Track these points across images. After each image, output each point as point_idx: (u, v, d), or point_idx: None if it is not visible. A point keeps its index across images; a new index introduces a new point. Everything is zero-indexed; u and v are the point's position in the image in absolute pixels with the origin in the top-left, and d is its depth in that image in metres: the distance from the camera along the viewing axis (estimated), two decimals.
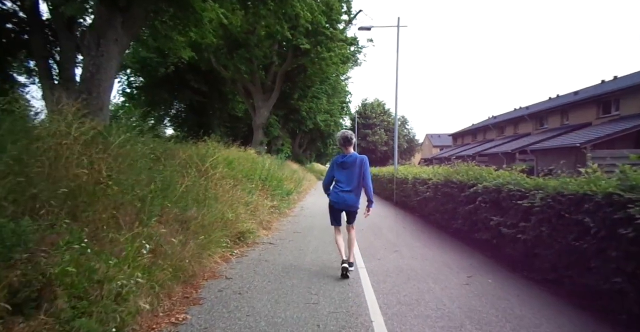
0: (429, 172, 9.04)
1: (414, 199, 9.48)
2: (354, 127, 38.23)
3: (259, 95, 20.57)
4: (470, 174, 6.09)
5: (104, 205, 2.87)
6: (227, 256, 4.81)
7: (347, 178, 4.20)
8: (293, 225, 7.87)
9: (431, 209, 7.86)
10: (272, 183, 9.64)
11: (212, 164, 6.55)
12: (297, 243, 5.94)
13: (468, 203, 5.72)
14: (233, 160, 9.43)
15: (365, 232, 6.94)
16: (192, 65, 21.65)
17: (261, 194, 8.46)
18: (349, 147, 4.25)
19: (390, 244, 6.01)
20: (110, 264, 2.51)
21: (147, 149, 4.96)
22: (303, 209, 11.06)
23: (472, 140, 34.82)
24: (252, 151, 13.55)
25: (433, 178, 7.85)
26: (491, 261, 4.83)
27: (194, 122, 25.56)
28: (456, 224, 6.34)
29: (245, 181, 8.03)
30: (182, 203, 4.34)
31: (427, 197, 8.04)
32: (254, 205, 6.93)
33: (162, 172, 4.55)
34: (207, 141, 7.41)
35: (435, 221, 7.66)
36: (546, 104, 24.95)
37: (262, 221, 6.98)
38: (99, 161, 3.16)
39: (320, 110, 28.25)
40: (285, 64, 19.48)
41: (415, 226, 7.99)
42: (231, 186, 6.12)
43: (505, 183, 4.63)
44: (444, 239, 6.41)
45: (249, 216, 6.39)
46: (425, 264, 4.72)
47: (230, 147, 11.85)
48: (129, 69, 23.33)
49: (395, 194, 13.11)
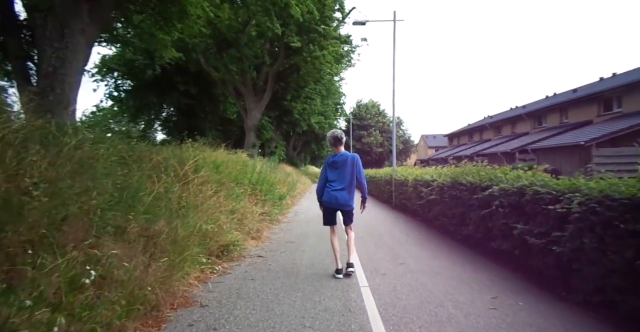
0: (431, 173, 8.40)
1: (416, 203, 8.83)
2: (349, 129, 37.64)
3: (250, 96, 19.88)
4: (482, 174, 5.45)
5: (28, 223, 2.16)
6: (207, 274, 4.11)
7: (339, 177, 4.16)
8: (286, 233, 7.17)
9: (436, 213, 7.21)
10: (263, 187, 8.95)
11: (193, 167, 5.86)
12: (289, 255, 5.25)
13: (481, 207, 5.08)
14: (221, 163, 8.79)
15: (366, 240, 6.28)
16: (181, 67, 20.96)
17: (251, 200, 7.76)
18: (340, 147, 4.25)
19: (394, 254, 5.34)
20: (24, 305, 1.81)
21: (114, 151, 4.27)
22: (297, 215, 10.37)
23: (469, 141, 34.39)
24: (242, 154, 12.88)
25: (438, 179, 7.21)
26: (515, 276, 4.16)
27: (184, 126, 24.77)
28: (466, 231, 5.69)
29: (234, 186, 7.34)
30: (150, 214, 3.64)
31: (432, 201, 7.39)
32: (241, 212, 6.22)
33: (127, 177, 3.84)
34: (189, 143, 6.68)
35: (441, 226, 7.01)
36: (544, 103, 24.53)
37: (251, 230, 6.27)
38: (26, 166, 2.45)
39: (314, 111, 27.61)
40: (276, 64, 18.82)
41: (418, 232, 7.33)
42: (214, 192, 5.40)
43: (530, 184, 3.99)
44: (454, 248, 5.75)
45: (234, 225, 5.68)
46: (438, 280, 4.05)
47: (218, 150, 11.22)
48: (116, 72, 22.56)
49: (394, 196, 12.47)
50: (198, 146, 6.79)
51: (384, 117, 41.43)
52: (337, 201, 4.15)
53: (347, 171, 4.13)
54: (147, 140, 12.45)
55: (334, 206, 4.22)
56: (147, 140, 12.45)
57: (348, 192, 4.16)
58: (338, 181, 4.15)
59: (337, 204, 4.18)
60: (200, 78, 22.35)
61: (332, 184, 4.18)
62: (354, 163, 4.13)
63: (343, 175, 4.14)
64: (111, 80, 23.15)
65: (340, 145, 4.24)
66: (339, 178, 4.15)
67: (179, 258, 3.52)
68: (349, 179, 4.14)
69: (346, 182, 4.14)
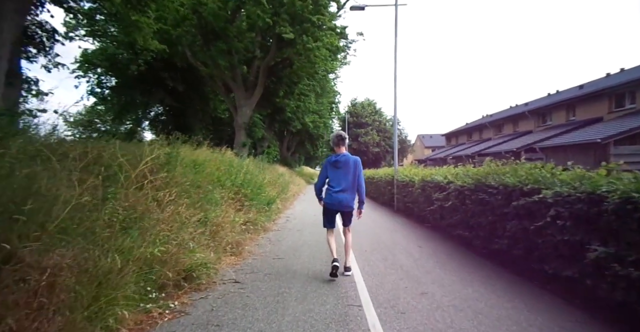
0: (442, 174, 7.24)
1: (426, 208, 7.66)
2: (344, 128, 36.45)
3: (240, 92, 18.63)
4: (521, 174, 4.28)
5: None
6: (155, 315, 2.89)
7: (340, 178, 4.13)
8: (274, 245, 5.96)
9: (453, 221, 6.04)
10: (248, 191, 7.72)
11: (157, 166, 4.63)
12: (275, 280, 4.03)
13: (522, 217, 3.92)
14: (203, 162, 7.62)
15: (371, 256, 5.09)
16: (168, 62, 19.72)
17: (232, 206, 6.53)
18: (342, 147, 4.23)
19: (411, 278, 4.15)
20: None
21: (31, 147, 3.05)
22: (289, 221, 9.15)
23: (468, 140, 33.38)
24: (228, 152, 11.65)
25: (456, 181, 6.04)
26: (595, 320, 2.95)
27: (173, 125, 23.46)
28: (498, 245, 4.53)
29: (212, 189, 6.13)
30: (64, 235, 2.41)
31: (447, 207, 6.22)
32: (216, 223, 5.00)
33: (33, 181, 2.61)
34: (146, 138, 5.42)
35: (461, 237, 5.84)
36: (548, 100, 23.55)
37: (228, 244, 5.05)
38: None
39: (308, 109, 26.41)
40: (268, 57, 17.58)
41: (433, 244, 6.15)
42: (173, 199, 4.14)
43: (613, 190, 2.81)
44: (485, 268, 4.56)
45: (206, 241, 4.46)
46: (485, 325, 2.86)
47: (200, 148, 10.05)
48: (99, 68, 21.16)
49: (396, 199, 11.31)
50: (157, 141, 5.54)
51: (380, 116, 40.22)
52: (340, 203, 4.12)
53: (350, 172, 4.10)
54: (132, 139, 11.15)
55: (335, 207, 4.19)
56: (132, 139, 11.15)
57: (350, 193, 4.14)
58: (339, 182, 4.11)
59: (340, 205, 4.15)
60: (189, 75, 21.13)
61: (333, 185, 4.14)
62: (356, 165, 4.13)
63: (345, 176, 4.10)
64: (94, 77, 21.72)
65: (344, 145, 4.23)
66: (341, 179, 4.11)
67: (98, 303, 2.29)
68: (351, 181, 4.11)
69: (349, 183, 4.10)
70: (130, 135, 18.65)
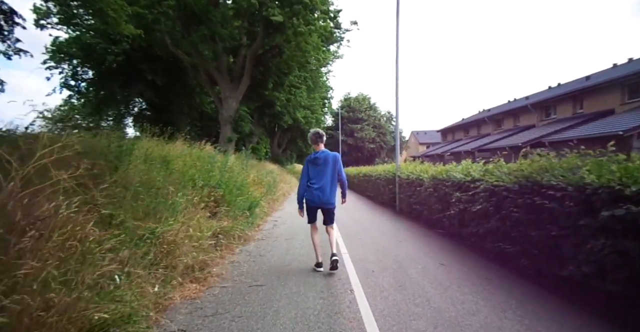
0: (462, 170, 5.92)
1: (439, 211, 6.33)
2: (337, 124, 35.05)
3: (225, 83, 17.10)
4: (611, 169, 2.92)
5: None
6: None
7: (321, 174, 4.17)
8: (253, 262, 4.57)
9: (484, 230, 4.70)
10: (226, 191, 6.30)
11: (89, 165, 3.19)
12: (246, 330, 2.64)
13: (621, 235, 2.58)
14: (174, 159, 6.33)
15: (382, 281, 3.72)
16: (147, 52, 18.07)
17: (200, 212, 5.09)
18: (321, 144, 4.27)
19: (447, 325, 2.79)
20: None
21: None
22: (277, 226, 7.77)
23: (465, 136, 32.27)
24: (208, 147, 10.20)
25: (486, 178, 4.69)
26: None
27: (157, 121, 21.78)
28: (569, 271, 3.19)
29: (175, 190, 4.71)
30: None
31: (474, 212, 4.88)
32: (169, 240, 3.57)
33: None
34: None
35: (500, 254, 4.48)
36: (550, 93, 22.47)
37: (188, 267, 3.65)
38: None
39: (300, 104, 24.94)
40: (255, 44, 16.06)
41: (459, 261, 4.77)
42: (99, 205, 2.71)
43: None
44: (561, 310, 3.21)
45: (147, 269, 3.05)
46: None
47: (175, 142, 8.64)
48: (74, 60, 19.36)
49: (399, 200, 9.98)
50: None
51: (375, 111, 38.86)
52: (320, 199, 4.15)
53: (329, 168, 4.16)
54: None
55: (316, 204, 4.22)
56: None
57: (330, 189, 4.18)
58: (318, 179, 4.16)
59: (320, 202, 4.17)
60: (171, 67, 19.50)
61: (314, 182, 4.18)
62: (335, 161, 4.19)
63: (324, 172, 4.15)
64: (68, 68, 19.90)
65: (322, 142, 4.26)
66: (321, 175, 4.16)
67: None
68: (330, 177, 4.17)
69: (327, 179, 4.16)
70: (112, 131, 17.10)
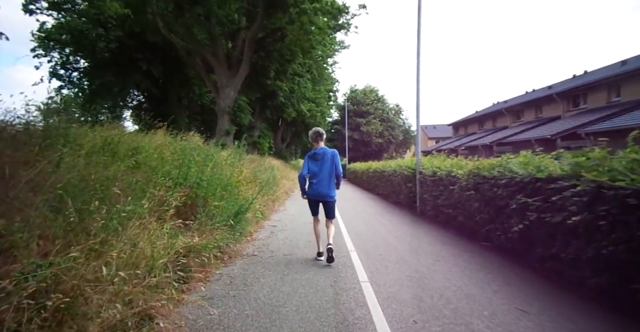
0: (524, 162, 4.33)
1: (489, 220, 4.75)
2: (344, 118, 33.33)
3: (222, 70, 15.54)
4: None
5: None
6: None
7: (319, 170, 4.41)
8: (231, 303, 3.04)
9: (583, 258, 3.11)
10: (208, 192, 4.79)
11: None
12: None
13: None
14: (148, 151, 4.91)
15: None
16: (141, 40, 16.55)
17: (155, 223, 3.56)
18: (320, 142, 4.54)
19: None
20: None
21: None
22: (274, 234, 6.28)
23: (480, 129, 30.42)
24: (196, 138, 8.70)
25: (591, 176, 3.09)
26: None
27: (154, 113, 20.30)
28: None
29: (129, 194, 3.21)
30: None
31: (563, 226, 3.29)
32: (70, 286, 2.05)
33: None
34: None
35: (597, 289, 2.91)
36: (578, 81, 20.58)
37: (110, 327, 2.13)
38: None
39: (304, 95, 23.26)
40: (255, 25, 14.44)
41: (551, 303, 3.22)
42: None
43: None
44: None
45: None
46: None
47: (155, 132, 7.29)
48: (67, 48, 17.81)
49: (421, 200, 8.41)
50: None
51: (383, 104, 37.01)
52: (319, 193, 4.43)
53: (327, 164, 4.42)
54: None
55: (317, 198, 4.49)
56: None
57: (328, 183, 4.43)
58: (319, 174, 4.41)
59: (319, 195, 4.45)
60: (168, 56, 17.98)
61: (313, 176, 4.44)
62: (333, 157, 4.45)
63: (324, 168, 4.40)
64: (59, 56, 18.34)
65: (321, 140, 4.53)
66: (319, 171, 4.41)
67: None
68: (328, 172, 4.41)
69: (326, 174, 4.40)
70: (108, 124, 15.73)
